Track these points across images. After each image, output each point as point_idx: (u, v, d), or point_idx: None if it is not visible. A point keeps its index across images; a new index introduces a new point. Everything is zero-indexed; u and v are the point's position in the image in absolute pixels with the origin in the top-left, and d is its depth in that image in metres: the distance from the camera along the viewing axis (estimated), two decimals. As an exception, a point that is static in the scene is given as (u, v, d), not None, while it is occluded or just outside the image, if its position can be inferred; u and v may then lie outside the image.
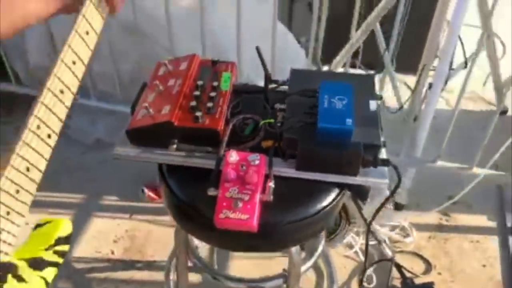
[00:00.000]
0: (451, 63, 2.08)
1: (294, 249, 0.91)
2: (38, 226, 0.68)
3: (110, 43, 1.70)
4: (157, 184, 1.81)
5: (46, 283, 0.65)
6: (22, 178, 0.59)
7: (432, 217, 1.78)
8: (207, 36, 1.44)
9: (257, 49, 0.95)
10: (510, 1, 2.19)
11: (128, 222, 1.74)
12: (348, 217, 1.62)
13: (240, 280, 0.99)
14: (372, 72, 1.99)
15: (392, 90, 2.19)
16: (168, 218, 1.74)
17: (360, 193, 0.89)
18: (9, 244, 0.60)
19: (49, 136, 0.62)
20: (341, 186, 0.86)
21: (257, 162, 0.80)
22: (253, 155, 0.81)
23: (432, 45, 1.81)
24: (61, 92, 0.61)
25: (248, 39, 1.36)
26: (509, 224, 1.75)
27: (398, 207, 1.76)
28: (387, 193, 1.70)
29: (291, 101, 0.91)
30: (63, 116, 0.64)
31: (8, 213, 0.59)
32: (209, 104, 0.87)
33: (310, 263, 1.02)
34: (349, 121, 0.82)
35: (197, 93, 0.89)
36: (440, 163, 1.64)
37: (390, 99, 2.18)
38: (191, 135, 0.84)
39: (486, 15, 1.96)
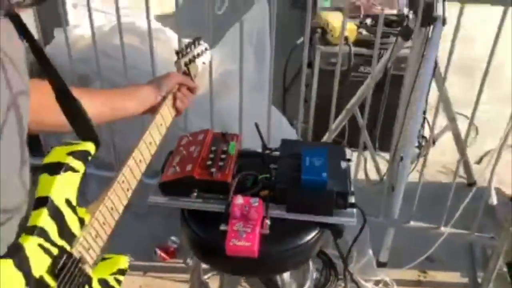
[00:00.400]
0: (420, 141, 2.43)
1: (286, 275, 1.16)
2: (104, 258, 0.89)
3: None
4: (168, 246, 2.06)
5: None
6: (107, 214, 0.85)
7: (410, 274, 2.01)
8: (216, 116, 1.77)
9: (256, 125, 1.27)
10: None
11: (142, 278, 1.96)
12: (337, 273, 1.86)
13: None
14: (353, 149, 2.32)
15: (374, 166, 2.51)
16: (180, 275, 1.97)
17: (336, 231, 1.16)
18: (93, 259, 0.82)
19: (128, 189, 0.90)
20: (321, 225, 1.13)
21: (256, 204, 1.09)
22: (253, 199, 1.09)
23: (402, 128, 2.15)
24: (140, 161, 0.91)
25: (248, 118, 1.68)
26: (479, 280, 1.98)
27: (380, 264, 1.99)
28: (370, 252, 1.96)
29: (281, 162, 1.20)
30: (138, 177, 0.92)
31: (96, 236, 0.83)
32: (221, 164, 1.16)
33: None
34: (324, 174, 1.12)
35: (211, 156, 1.19)
36: (412, 223, 1.90)
37: (373, 173, 2.49)
38: (208, 186, 1.13)
39: (446, 101, 2.34)
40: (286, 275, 1.19)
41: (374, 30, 2.67)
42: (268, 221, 1.07)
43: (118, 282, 0.89)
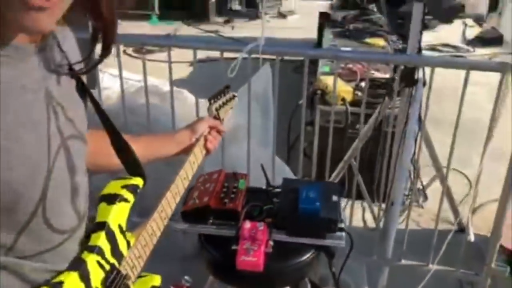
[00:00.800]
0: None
1: (287, 290, 1.37)
2: (140, 277, 1.03)
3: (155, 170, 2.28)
4: (182, 284, 2.25)
5: None
6: (148, 238, 1.01)
7: (405, 311, 2.17)
8: (227, 160, 2.01)
9: (262, 166, 1.52)
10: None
11: (157, 313, 2.13)
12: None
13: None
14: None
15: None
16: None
17: (329, 253, 1.38)
18: (135, 276, 0.97)
19: (164, 218, 1.06)
20: (316, 247, 1.35)
21: (262, 228, 1.32)
22: (259, 223, 1.33)
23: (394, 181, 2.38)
24: (175, 194, 1.09)
25: (255, 165, 1.94)
26: (469, 317, 2.14)
27: (376, 301, 2.17)
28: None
29: (282, 195, 1.45)
30: (173, 208, 1.07)
31: (139, 256, 0.96)
32: (232, 196, 1.41)
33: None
34: (317, 204, 1.35)
35: (224, 190, 1.43)
36: (403, 261, 2.10)
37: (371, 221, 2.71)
38: (221, 214, 1.37)
39: (434, 158, 2.59)
40: (287, 291, 1.39)
41: (369, 92, 2.99)
42: (271, 242, 1.30)
43: None
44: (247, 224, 1.32)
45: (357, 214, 2.83)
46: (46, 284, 0.82)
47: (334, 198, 1.44)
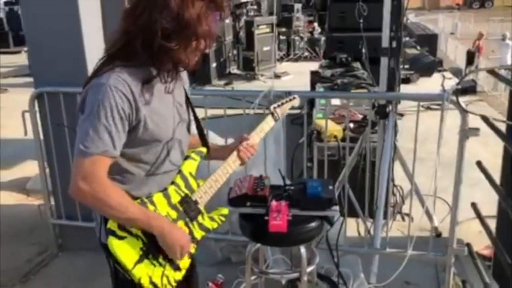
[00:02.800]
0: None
1: (303, 248, 2.01)
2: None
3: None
4: (217, 280, 2.86)
5: None
6: (212, 182, 1.77)
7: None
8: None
9: (279, 170, 2.21)
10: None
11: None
12: (338, 290, 2.64)
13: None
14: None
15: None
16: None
17: (328, 221, 2.03)
18: (205, 201, 1.74)
19: (226, 173, 1.80)
20: (319, 217, 2.01)
21: (283, 204, 1.98)
22: (282, 201, 1.99)
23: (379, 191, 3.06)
24: (226, 172, 1.82)
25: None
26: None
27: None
28: (362, 275, 2.78)
29: (295, 188, 2.12)
30: (228, 171, 1.81)
31: (205, 192, 1.75)
32: (261, 188, 2.08)
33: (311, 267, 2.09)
34: (319, 189, 2.03)
35: (255, 185, 2.11)
36: (388, 249, 2.74)
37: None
38: (255, 199, 2.03)
39: (407, 173, 3.27)
40: (303, 250, 2.03)
41: (356, 130, 3.73)
42: (290, 213, 1.96)
43: (221, 220, 1.80)
44: (274, 202, 1.99)
45: (353, 228, 3.47)
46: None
47: (330, 187, 2.12)
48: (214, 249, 3.10)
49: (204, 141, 1.84)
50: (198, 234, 1.73)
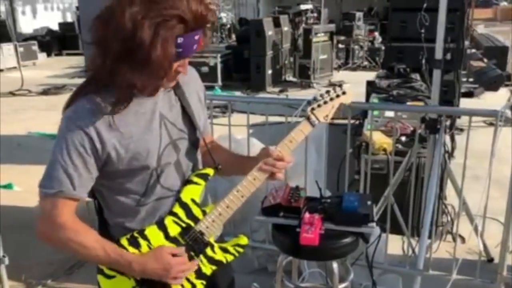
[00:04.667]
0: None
1: (335, 264, 1.94)
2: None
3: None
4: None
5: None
6: (223, 210, 1.52)
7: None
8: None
9: (316, 182, 2.15)
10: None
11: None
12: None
13: None
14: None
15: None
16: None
17: (364, 238, 1.95)
18: (213, 232, 1.52)
19: (242, 196, 1.61)
20: (354, 233, 1.94)
21: (317, 217, 1.92)
22: (315, 215, 1.93)
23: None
24: (242, 197, 1.56)
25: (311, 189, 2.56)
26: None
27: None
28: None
29: (331, 201, 2.05)
30: (246, 194, 1.54)
31: (213, 221, 1.53)
32: (296, 199, 2.03)
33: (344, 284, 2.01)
34: (356, 203, 1.95)
35: (290, 195, 2.06)
36: (431, 271, 2.60)
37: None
38: (289, 210, 1.99)
39: (458, 193, 3.09)
40: (335, 265, 1.96)
41: (407, 144, 3.59)
42: (323, 227, 1.90)
43: (237, 251, 1.59)
44: (307, 215, 1.94)
45: (397, 246, 3.33)
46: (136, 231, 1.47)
47: (369, 203, 2.04)
48: (251, 257, 3.08)
49: (212, 159, 1.59)
50: (208, 269, 1.54)
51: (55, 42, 15.89)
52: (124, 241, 1.46)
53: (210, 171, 1.57)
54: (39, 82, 10.76)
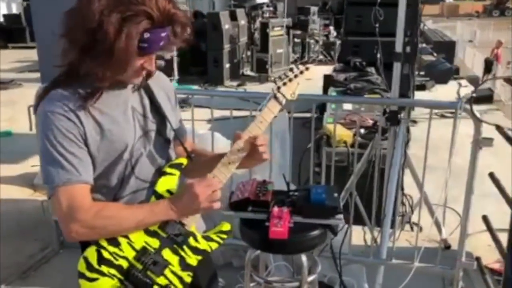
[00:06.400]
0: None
1: (304, 257, 1.94)
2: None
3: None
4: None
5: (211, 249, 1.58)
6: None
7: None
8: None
9: (283, 175, 2.15)
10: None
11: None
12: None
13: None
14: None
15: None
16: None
17: (332, 230, 1.96)
18: (192, 221, 1.54)
19: (219, 182, 1.62)
20: (322, 226, 1.94)
21: (286, 210, 1.92)
22: (284, 208, 1.93)
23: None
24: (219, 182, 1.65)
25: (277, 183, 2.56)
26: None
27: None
28: (366, 286, 2.70)
29: (299, 192, 2.05)
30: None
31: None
32: (264, 193, 2.02)
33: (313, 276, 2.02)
34: (323, 196, 1.96)
35: (258, 189, 2.04)
36: (394, 260, 2.65)
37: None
38: (257, 204, 1.97)
39: (417, 182, 3.18)
40: (304, 258, 1.96)
41: (366, 136, 3.65)
42: (292, 220, 1.89)
43: (221, 238, 1.58)
44: (276, 208, 1.92)
45: (360, 236, 3.39)
46: None
47: (335, 195, 2.05)
48: (215, 253, 3.03)
49: (186, 151, 1.63)
50: (193, 260, 1.51)
51: (0, 35, 15.19)
52: (103, 241, 1.42)
53: (183, 160, 1.58)
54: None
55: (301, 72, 1.58)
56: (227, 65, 9.66)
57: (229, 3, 12.74)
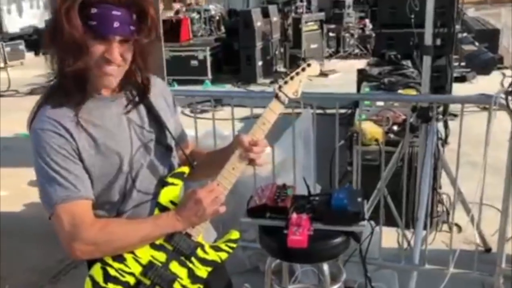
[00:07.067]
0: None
1: (326, 266, 1.84)
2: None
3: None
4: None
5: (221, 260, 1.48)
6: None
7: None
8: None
9: (304, 179, 2.05)
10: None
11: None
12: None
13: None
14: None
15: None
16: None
17: (355, 237, 1.86)
18: (199, 231, 1.43)
19: (224, 189, 1.53)
20: (345, 233, 1.84)
21: (305, 217, 1.82)
22: (303, 215, 1.84)
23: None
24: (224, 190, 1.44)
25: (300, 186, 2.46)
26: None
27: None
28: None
29: (320, 197, 1.95)
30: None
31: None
32: (283, 198, 1.93)
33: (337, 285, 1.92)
34: (345, 201, 1.85)
35: (277, 195, 1.96)
36: (427, 266, 2.51)
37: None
38: (275, 210, 1.89)
39: (453, 183, 2.99)
40: (325, 267, 1.86)
41: (398, 133, 3.49)
42: (312, 227, 1.80)
43: (230, 247, 1.49)
44: (294, 215, 1.84)
45: (392, 239, 3.24)
46: None
47: (359, 199, 1.94)
48: (241, 258, 2.98)
49: (187, 159, 1.57)
50: (202, 272, 1.44)
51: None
52: (108, 258, 1.37)
53: (185, 169, 1.51)
54: (27, 82, 10.55)
55: (303, 69, 1.49)
56: (260, 63, 9.56)
57: (262, 0, 12.63)
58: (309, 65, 1.50)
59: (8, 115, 8.00)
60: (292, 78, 1.48)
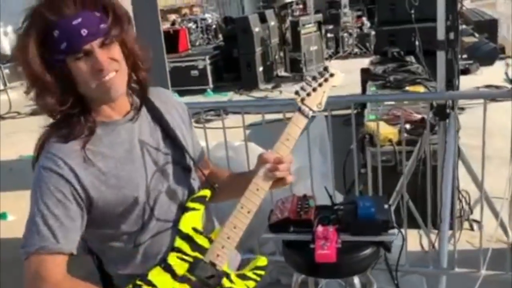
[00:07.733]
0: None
1: (357, 279, 1.75)
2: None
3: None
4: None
5: None
6: (230, 232, 1.28)
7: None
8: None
9: (325, 188, 1.96)
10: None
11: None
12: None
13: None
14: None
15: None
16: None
17: (385, 247, 1.76)
18: (225, 259, 1.28)
19: (248, 212, 1.44)
20: (374, 243, 1.74)
21: (331, 229, 1.73)
22: (329, 226, 1.74)
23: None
24: (248, 212, 1.31)
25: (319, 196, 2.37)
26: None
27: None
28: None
29: (344, 208, 1.86)
30: (253, 207, 1.32)
31: (223, 247, 1.28)
32: (305, 210, 1.84)
33: (368, 299, 1.82)
34: (372, 210, 1.76)
35: (299, 207, 1.87)
36: (457, 269, 2.40)
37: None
38: (299, 224, 1.79)
39: (475, 180, 2.89)
40: (356, 281, 1.77)
41: (413, 132, 3.39)
42: (339, 239, 1.71)
43: (258, 275, 1.36)
44: (320, 228, 1.74)
45: (415, 241, 3.14)
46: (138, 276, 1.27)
47: (385, 206, 1.84)
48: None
49: (208, 181, 1.46)
50: None
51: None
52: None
53: (206, 193, 1.39)
54: (28, 102, 10.51)
55: (326, 80, 1.39)
56: (260, 68, 9.48)
57: (258, 5, 12.56)
58: (332, 75, 1.39)
59: (11, 137, 7.95)
60: (315, 89, 1.38)
